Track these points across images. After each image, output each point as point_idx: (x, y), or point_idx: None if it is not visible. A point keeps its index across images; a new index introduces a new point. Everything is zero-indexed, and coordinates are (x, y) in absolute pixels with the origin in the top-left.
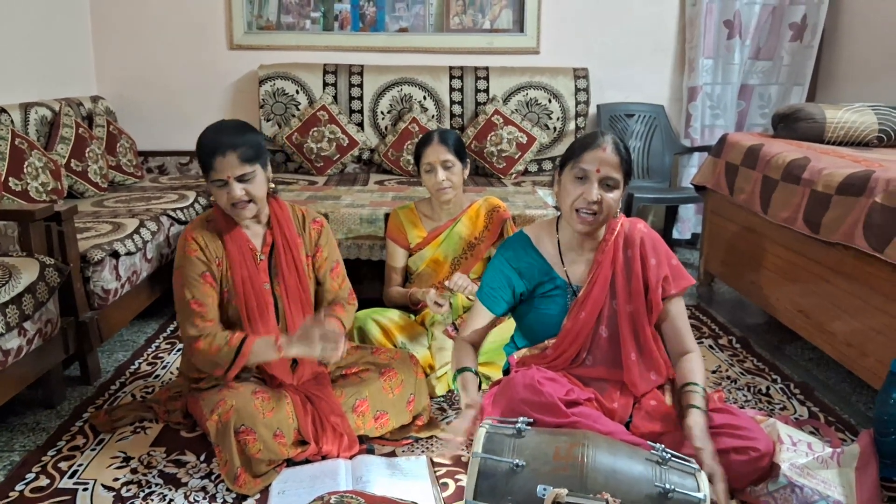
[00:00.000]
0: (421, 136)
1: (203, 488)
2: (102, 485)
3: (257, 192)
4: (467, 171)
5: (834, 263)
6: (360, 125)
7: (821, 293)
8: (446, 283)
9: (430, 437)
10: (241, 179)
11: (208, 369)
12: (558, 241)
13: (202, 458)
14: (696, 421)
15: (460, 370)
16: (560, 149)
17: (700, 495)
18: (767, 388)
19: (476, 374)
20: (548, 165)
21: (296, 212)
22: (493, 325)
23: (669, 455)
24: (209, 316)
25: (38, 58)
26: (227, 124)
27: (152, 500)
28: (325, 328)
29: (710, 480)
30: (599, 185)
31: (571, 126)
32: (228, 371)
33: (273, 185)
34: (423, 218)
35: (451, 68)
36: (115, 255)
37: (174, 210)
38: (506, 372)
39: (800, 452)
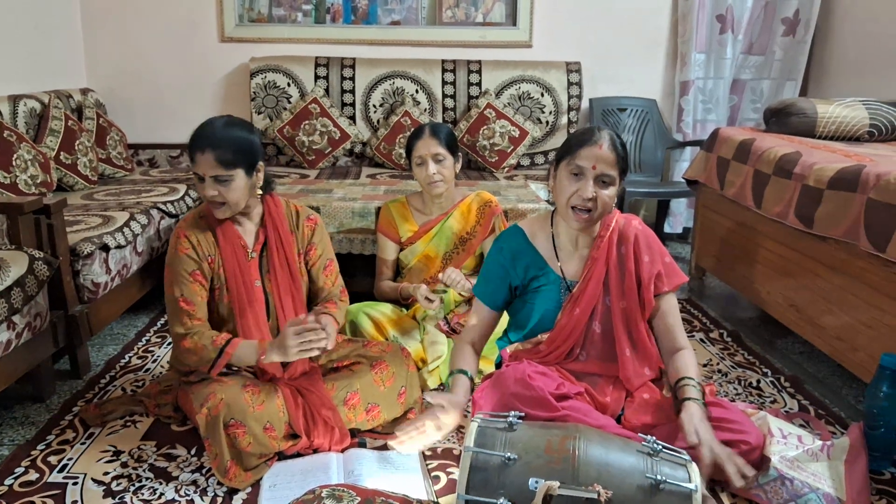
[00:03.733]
0: (413, 129)
1: (194, 482)
2: (92, 479)
3: (230, 197)
4: (459, 165)
5: (825, 258)
6: (352, 118)
7: (812, 288)
8: (439, 276)
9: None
10: (217, 180)
11: (194, 366)
12: (553, 236)
13: (193, 451)
14: (692, 412)
15: (454, 372)
16: (552, 143)
17: (691, 486)
18: (758, 382)
19: (471, 378)
20: (540, 159)
21: (290, 208)
22: (494, 321)
23: (661, 447)
24: (197, 314)
25: (27, 50)
26: (219, 121)
27: (143, 493)
28: (302, 329)
29: (723, 466)
30: (595, 181)
31: (564, 120)
32: (211, 369)
33: (273, 181)
34: (414, 212)
35: (443, 62)
36: (105, 248)
37: (164, 203)
38: (498, 366)
39: (790, 445)
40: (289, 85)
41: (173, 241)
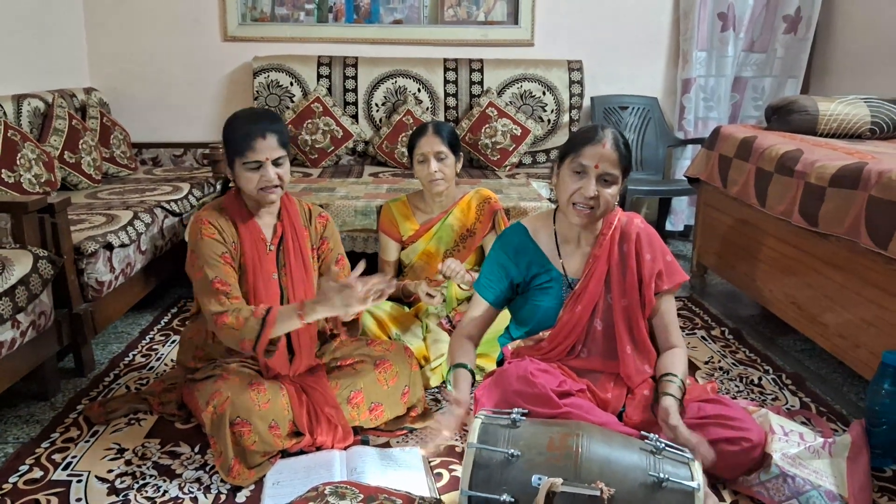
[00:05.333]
0: (415, 127)
1: (197, 479)
2: (96, 476)
3: (287, 177)
4: (460, 165)
5: (827, 255)
6: (355, 117)
7: (814, 285)
8: (439, 266)
9: (425, 427)
10: (276, 163)
11: (234, 344)
12: (555, 234)
13: (196, 449)
14: (668, 404)
15: (455, 366)
16: (554, 141)
17: (694, 484)
18: (760, 379)
19: (471, 371)
20: (542, 158)
21: (302, 206)
22: (492, 318)
23: (664, 445)
24: (233, 293)
25: (31, 49)
26: (259, 110)
27: (146, 491)
28: (341, 283)
29: (692, 450)
30: (597, 180)
31: (565, 118)
32: (257, 343)
33: None
34: (415, 211)
35: (445, 60)
36: (109, 246)
37: (168, 202)
38: (500, 363)
39: (791, 442)
40: (291, 84)
41: (196, 228)
